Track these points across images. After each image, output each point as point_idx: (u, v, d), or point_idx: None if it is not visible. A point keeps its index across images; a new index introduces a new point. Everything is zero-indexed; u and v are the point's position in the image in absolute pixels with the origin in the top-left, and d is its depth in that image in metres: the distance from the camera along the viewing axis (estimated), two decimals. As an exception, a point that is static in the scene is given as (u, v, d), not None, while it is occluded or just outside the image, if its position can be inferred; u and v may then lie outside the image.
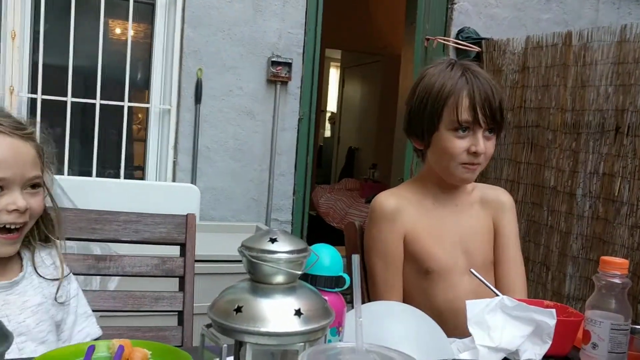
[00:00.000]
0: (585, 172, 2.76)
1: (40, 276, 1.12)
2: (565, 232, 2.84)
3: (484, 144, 1.35)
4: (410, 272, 1.40)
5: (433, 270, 1.37)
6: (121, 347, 0.87)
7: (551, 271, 2.93)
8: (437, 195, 1.44)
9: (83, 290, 1.20)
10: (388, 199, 1.41)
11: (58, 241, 1.16)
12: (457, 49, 3.54)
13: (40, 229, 1.14)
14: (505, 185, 3.27)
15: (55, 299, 1.11)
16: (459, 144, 1.33)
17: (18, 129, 1.05)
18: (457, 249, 1.41)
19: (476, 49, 3.48)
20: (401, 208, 1.39)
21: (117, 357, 0.84)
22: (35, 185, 1.06)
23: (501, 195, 1.51)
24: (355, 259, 0.63)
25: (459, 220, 1.44)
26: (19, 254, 1.13)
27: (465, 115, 1.32)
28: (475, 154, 1.34)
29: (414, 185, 1.48)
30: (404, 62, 4.92)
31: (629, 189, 2.56)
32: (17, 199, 1.02)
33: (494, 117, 1.35)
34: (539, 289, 3.03)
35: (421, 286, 1.38)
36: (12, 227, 1.03)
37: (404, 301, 1.38)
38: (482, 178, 3.41)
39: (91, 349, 0.86)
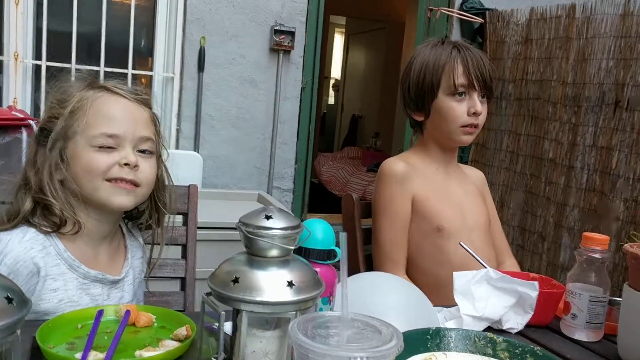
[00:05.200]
0: (583, 145, 2.80)
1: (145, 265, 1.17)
2: (562, 203, 2.89)
3: (480, 106, 1.47)
4: (424, 230, 1.48)
5: (444, 227, 1.46)
6: (128, 312, 0.93)
7: (547, 241, 2.99)
8: (439, 161, 1.55)
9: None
10: (397, 163, 1.50)
11: (167, 217, 1.20)
12: (460, 19, 3.53)
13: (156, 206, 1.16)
14: (504, 157, 3.31)
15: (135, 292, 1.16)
16: (459, 107, 1.46)
17: (133, 93, 1.09)
18: (462, 208, 1.52)
19: (479, 20, 3.47)
20: (409, 172, 1.48)
21: (124, 320, 0.90)
22: (147, 150, 1.08)
23: (478, 172, 1.69)
24: (342, 236, 0.68)
25: (459, 184, 1.56)
26: (125, 242, 1.16)
27: (461, 79, 1.44)
28: (475, 114, 1.46)
29: (417, 152, 1.57)
30: (408, 31, 4.90)
31: (625, 163, 2.59)
32: (128, 154, 1.03)
33: (486, 82, 1.47)
34: (535, 258, 3.09)
35: (435, 244, 1.47)
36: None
37: (419, 260, 1.48)
38: (483, 149, 3.45)
39: (100, 312, 0.92)
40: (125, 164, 1.03)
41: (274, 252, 0.72)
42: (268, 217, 0.72)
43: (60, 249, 1.03)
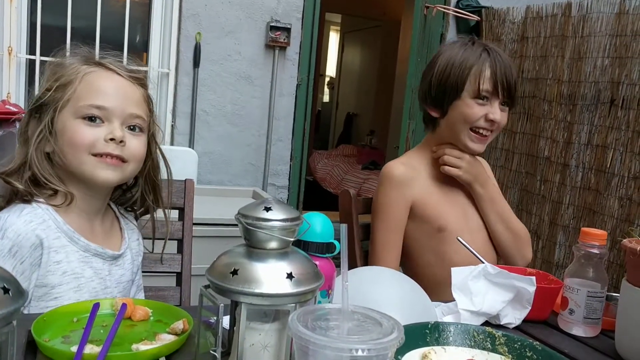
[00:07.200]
0: (579, 143, 2.80)
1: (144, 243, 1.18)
2: (557, 201, 2.89)
3: (500, 114, 1.44)
4: (423, 233, 1.47)
5: (445, 228, 1.44)
6: (124, 305, 0.92)
7: (542, 239, 3.00)
8: None
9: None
10: (398, 167, 1.48)
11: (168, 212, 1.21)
12: (456, 17, 3.53)
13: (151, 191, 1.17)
14: (500, 155, 3.31)
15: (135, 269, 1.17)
16: (478, 110, 1.42)
17: (128, 71, 1.08)
18: (465, 210, 1.50)
19: (475, 17, 3.47)
20: (410, 177, 1.46)
21: (120, 314, 0.89)
22: (137, 127, 1.06)
23: (481, 160, 1.60)
24: (343, 228, 0.68)
25: (462, 186, 1.52)
26: (118, 221, 1.16)
27: (486, 84, 1.41)
28: (492, 121, 1.43)
29: (421, 153, 1.54)
30: (404, 30, 4.90)
31: (620, 161, 2.60)
32: (114, 129, 1.02)
33: (510, 91, 1.44)
34: (529, 256, 3.09)
35: (436, 246, 1.46)
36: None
37: (419, 257, 1.48)
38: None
39: (96, 306, 0.91)
40: (111, 139, 1.01)
41: (273, 244, 0.72)
42: (267, 209, 0.71)
43: (59, 222, 1.03)
